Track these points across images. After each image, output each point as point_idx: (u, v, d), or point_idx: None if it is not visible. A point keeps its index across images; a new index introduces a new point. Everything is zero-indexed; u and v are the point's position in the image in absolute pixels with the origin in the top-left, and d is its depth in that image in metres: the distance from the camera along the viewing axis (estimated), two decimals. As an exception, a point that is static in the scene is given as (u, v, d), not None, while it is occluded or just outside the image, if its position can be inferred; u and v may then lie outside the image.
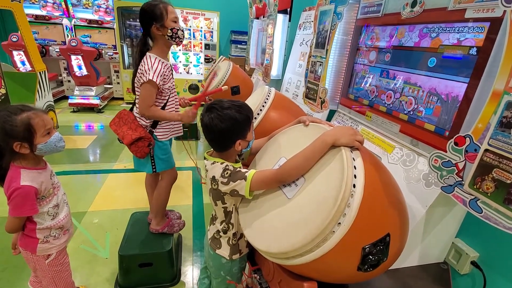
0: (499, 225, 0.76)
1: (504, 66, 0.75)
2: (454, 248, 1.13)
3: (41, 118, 1.01)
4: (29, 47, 3.25)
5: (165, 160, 1.61)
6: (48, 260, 1.16)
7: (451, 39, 1.01)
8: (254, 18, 3.92)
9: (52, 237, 1.14)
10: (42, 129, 1.01)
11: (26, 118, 0.98)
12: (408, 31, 1.20)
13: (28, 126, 0.98)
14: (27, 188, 1.01)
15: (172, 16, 1.40)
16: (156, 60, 1.42)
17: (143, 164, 1.60)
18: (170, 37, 1.42)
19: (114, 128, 1.57)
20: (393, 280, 1.01)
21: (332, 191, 0.70)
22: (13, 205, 1.01)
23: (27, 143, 0.99)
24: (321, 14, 1.79)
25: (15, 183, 1.00)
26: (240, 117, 0.90)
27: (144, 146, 1.48)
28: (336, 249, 0.68)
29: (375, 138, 1.36)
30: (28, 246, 1.12)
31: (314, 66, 1.86)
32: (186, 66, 5.75)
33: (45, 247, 1.14)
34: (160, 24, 1.38)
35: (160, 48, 1.47)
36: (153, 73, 1.38)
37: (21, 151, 0.99)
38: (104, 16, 5.47)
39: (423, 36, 1.13)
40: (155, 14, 1.37)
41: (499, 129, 0.75)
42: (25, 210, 1.03)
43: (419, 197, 1.03)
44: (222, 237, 1.03)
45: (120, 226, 2.10)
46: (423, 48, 1.13)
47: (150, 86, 1.41)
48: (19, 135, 0.97)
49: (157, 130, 1.54)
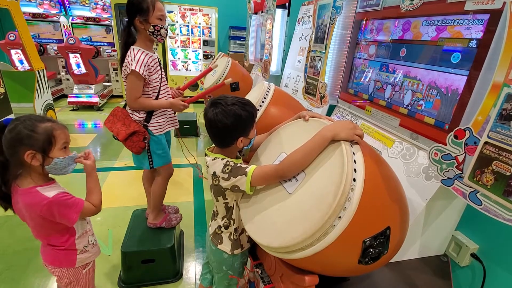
0: (498, 217, 0.76)
1: (504, 58, 0.75)
2: (454, 241, 1.14)
3: (63, 131, 0.96)
4: (27, 46, 3.23)
5: (162, 155, 1.61)
6: (86, 270, 1.12)
7: (450, 32, 1.01)
8: (252, 13, 3.89)
9: (90, 245, 1.11)
10: (61, 141, 0.95)
11: (49, 127, 0.92)
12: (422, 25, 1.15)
13: (50, 136, 0.91)
14: (60, 195, 0.94)
15: (158, 14, 1.39)
16: (139, 52, 1.41)
17: (141, 160, 1.60)
18: (152, 33, 1.41)
19: (108, 126, 1.55)
20: (393, 272, 1.02)
21: (332, 186, 0.70)
22: (60, 214, 0.93)
23: (41, 154, 0.90)
24: (320, 8, 1.78)
25: (44, 200, 0.91)
26: (244, 114, 0.91)
27: (139, 140, 1.47)
28: (337, 243, 0.69)
29: (375, 132, 1.36)
30: (63, 261, 1.06)
31: (314, 61, 1.85)
32: (184, 62, 5.73)
33: (84, 257, 1.09)
34: (143, 18, 1.37)
35: (143, 41, 1.46)
36: (135, 63, 1.37)
37: (32, 162, 0.90)
38: (101, 13, 5.43)
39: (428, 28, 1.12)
40: (141, 7, 1.36)
41: (498, 121, 0.75)
42: (72, 211, 0.96)
43: (419, 190, 1.03)
44: (224, 232, 1.04)
45: (122, 223, 2.12)
46: (423, 41, 1.12)
47: (134, 77, 1.40)
48: (37, 143, 0.89)
49: (151, 124, 1.54)
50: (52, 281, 1.64)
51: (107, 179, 2.80)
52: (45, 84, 3.54)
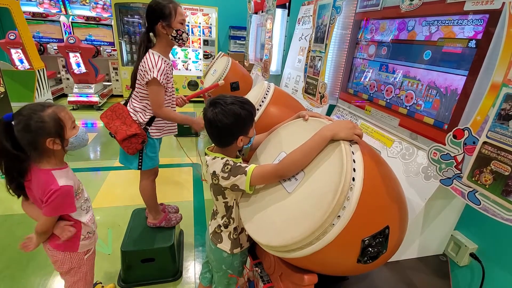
0: (497, 216, 0.76)
1: (503, 58, 0.75)
2: (453, 241, 1.14)
3: (66, 112, 1.01)
4: (27, 45, 3.24)
5: (153, 158, 1.60)
6: (87, 255, 1.18)
7: (450, 32, 1.01)
8: (252, 13, 3.89)
9: (92, 232, 1.17)
10: (69, 121, 1.01)
11: (52, 112, 0.96)
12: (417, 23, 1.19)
13: (58, 120, 0.97)
14: (66, 188, 1.00)
15: (180, 18, 1.41)
16: (159, 58, 1.41)
17: (130, 160, 1.58)
18: (174, 37, 1.42)
19: (105, 121, 1.52)
20: (392, 272, 1.02)
21: (331, 185, 0.71)
22: (52, 206, 0.99)
23: (59, 138, 0.98)
24: (320, 8, 1.78)
25: (53, 185, 0.97)
26: (243, 113, 0.91)
27: (137, 143, 1.47)
28: (335, 242, 0.69)
29: (375, 132, 1.36)
30: (68, 246, 1.11)
31: (313, 61, 1.85)
32: (185, 62, 5.73)
33: (86, 244, 1.15)
34: (166, 23, 1.38)
35: (163, 46, 1.47)
36: (157, 71, 1.38)
37: (55, 147, 0.97)
38: (101, 13, 5.44)
39: (424, 29, 1.12)
40: (163, 13, 1.37)
41: (497, 121, 0.75)
42: (64, 208, 1.03)
43: (418, 190, 1.04)
44: (223, 231, 1.04)
45: (122, 222, 2.12)
46: (423, 42, 1.12)
47: (156, 85, 1.41)
48: (51, 130, 0.95)
49: (151, 127, 1.53)
50: (52, 280, 1.64)
51: (107, 178, 2.80)
52: (45, 83, 3.55)
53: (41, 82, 3.45)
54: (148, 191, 1.69)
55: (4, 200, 2.38)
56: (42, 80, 3.46)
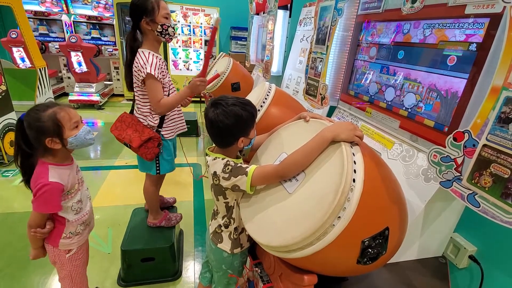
0: (496, 219, 0.77)
1: (503, 61, 0.76)
2: (453, 243, 1.15)
3: (67, 112, 1.03)
4: (28, 44, 3.24)
5: (169, 161, 1.59)
6: (69, 255, 1.17)
7: (451, 35, 1.02)
8: (254, 14, 3.90)
9: (75, 233, 1.16)
10: (68, 122, 1.02)
11: (52, 113, 0.99)
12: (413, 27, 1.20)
13: (55, 120, 0.99)
14: (55, 185, 1.02)
15: (163, 12, 1.37)
16: (149, 54, 1.38)
17: (148, 165, 1.57)
18: (160, 33, 1.39)
19: (117, 133, 1.48)
20: (392, 273, 1.03)
21: (332, 186, 0.71)
22: (39, 202, 1.01)
23: (58, 138, 1.01)
24: (321, 10, 1.78)
25: (43, 179, 1.00)
26: (245, 114, 0.91)
27: (154, 146, 1.44)
28: (336, 242, 0.70)
29: (375, 134, 1.37)
30: (50, 239, 1.13)
31: (315, 62, 1.86)
32: (186, 62, 5.74)
33: (67, 243, 1.15)
34: (150, 18, 1.36)
35: (151, 43, 1.43)
36: (149, 66, 1.35)
37: (53, 146, 1.01)
38: (103, 12, 5.45)
39: (424, 32, 1.13)
40: (146, 8, 1.34)
41: (497, 124, 0.76)
42: (49, 207, 1.04)
43: (418, 192, 1.04)
44: (224, 231, 1.04)
45: (122, 222, 2.12)
46: (424, 44, 1.13)
47: (151, 80, 1.37)
48: (49, 130, 0.98)
49: (163, 129, 1.52)
50: (52, 278, 1.65)
51: (107, 177, 2.81)
52: (46, 82, 3.55)
53: (43, 80, 3.46)
54: (151, 189, 1.69)
55: (5, 198, 2.38)
56: (43, 78, 3.47)
